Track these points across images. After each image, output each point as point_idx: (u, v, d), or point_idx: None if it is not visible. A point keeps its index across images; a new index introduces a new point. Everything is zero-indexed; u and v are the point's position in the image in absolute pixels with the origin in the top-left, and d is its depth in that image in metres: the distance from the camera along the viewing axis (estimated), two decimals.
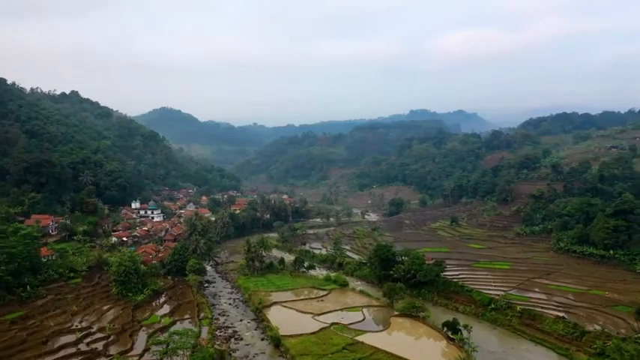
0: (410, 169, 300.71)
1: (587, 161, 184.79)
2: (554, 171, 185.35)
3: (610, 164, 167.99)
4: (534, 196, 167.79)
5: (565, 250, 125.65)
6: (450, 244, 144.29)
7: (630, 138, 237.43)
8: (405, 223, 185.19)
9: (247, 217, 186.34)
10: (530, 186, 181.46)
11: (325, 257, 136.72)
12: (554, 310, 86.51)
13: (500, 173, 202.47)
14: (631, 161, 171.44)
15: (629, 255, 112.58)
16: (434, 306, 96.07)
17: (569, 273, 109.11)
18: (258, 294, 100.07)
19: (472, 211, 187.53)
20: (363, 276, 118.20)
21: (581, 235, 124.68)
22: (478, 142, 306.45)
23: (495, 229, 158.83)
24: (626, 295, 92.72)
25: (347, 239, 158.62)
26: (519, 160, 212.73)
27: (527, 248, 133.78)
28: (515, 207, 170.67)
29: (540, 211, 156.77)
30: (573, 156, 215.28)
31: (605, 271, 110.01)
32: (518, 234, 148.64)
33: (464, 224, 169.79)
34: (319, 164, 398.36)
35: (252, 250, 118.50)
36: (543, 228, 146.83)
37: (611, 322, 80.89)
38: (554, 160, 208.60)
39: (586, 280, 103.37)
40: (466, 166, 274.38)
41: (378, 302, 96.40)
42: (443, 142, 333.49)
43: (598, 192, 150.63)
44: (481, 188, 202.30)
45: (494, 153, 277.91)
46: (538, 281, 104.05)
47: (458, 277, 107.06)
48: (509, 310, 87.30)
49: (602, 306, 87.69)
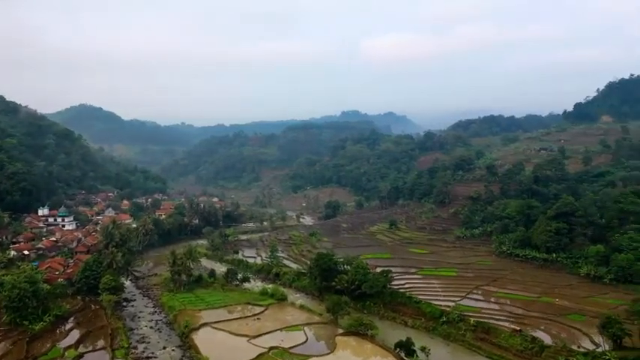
0: (344, 170, 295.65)
1: (521, 163, 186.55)
2: (489, 172, 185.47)
3: (543, 166, 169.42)
4: (472, 197, 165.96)
5: (507, 254, 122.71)
6: (391, 249, 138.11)
7: (556, 140, 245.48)
8: (343, 227, 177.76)
9: (174, 223, 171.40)
10: (467, 187, 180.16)
11: (260, 267, 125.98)
12: (509, 322, 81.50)
13: (437, 175, 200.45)
14: (563, 162, 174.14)
15: (572, 258, 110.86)
16: (380, 320, 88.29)
17: (515, 279, 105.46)
18: (185, 314, 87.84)
19: (410, 213, 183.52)
20: (302, 287, 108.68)
21: (523, 239, 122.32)
22: (411, 144, 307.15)
23: (435, 232, 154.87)
24: (575, 302, 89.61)
25: (283, 245, 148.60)
26: (454, 161, 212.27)
27: (469, 252, 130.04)
28: (454, 209, 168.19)
29: (479, 213, 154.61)
30: (506, 157, 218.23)
31: (549, 275, 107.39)
32: (459, 237, 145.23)
33: (403, 227, 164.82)
34: (251, 165, 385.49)
35: (178, 262, 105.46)
36: (483, 231, 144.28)
37: (567, 333, 76.58)
38: (487, 161, 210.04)
39: (533, 286, 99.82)
40: (401, 167, 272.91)
41: (320, 318, 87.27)
42: (377, 143, 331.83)
43: (534, 193, 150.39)
44: (418, 190, 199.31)
45: (428, 154, 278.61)
46: (487, 289, 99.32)
47: (404, 286, 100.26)
48: (462, 324, 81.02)
49: (555, 315, 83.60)
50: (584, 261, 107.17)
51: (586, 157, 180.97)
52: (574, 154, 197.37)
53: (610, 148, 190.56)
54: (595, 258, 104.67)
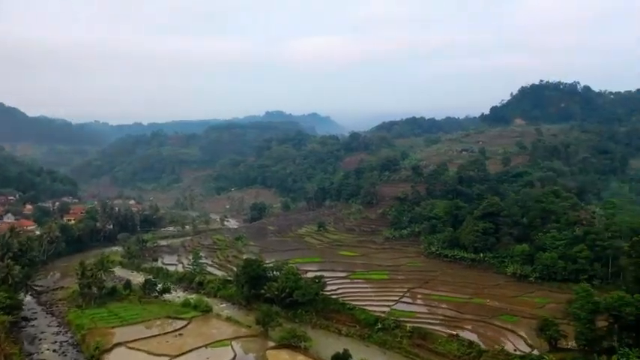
0: (270, 171, 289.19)
1: (444, 163, 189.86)
2: (415, 173, 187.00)
3: (466, 166, 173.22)
4: (399, 198, 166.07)
5: (436, 255, 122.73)
6: (320, 252, 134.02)
7: (475, 141, 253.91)
8: (270, 230, 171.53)
9: (85, 229, 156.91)
10: (394, 188, 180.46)
11: (182, 275, 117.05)
12: (444, 326, 79.79)
13: (364, 175, 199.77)
14: (484, 163, 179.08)
15: (498, 257, 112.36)
16: (313, 329, 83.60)
17: (445, 280, 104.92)
18: (95, 333, 77.95)
19: (337, 214, 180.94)
20: (228, 296, 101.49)
21: (451, 239, 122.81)
22: (337, 144, 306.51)
23: (364, 233, 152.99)
24: (505, 302, 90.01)
25: (207, 251, 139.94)
26: (380, 162, 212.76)
27: (399, 254, 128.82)
28: (381, 210, 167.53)
29: (407, 213, 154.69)
30: (429, 158, 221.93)
31: (477, 275, 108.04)
32: (388, 238, 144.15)
33: (331, 229, 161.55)
34: (171, 166, 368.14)
35: (87, 273, 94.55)
36: (412, 231, 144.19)
37: (502, 335, 75.99)
38: (413, 162, 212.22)
39: (464, 287, 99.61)
40: (327, 168, 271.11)
41: (249, 331, 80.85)
42: (302, 144, 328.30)
43: (458, 193, 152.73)
44: (345, 190, 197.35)
45: (354, 155, 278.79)
46: (419, 291, 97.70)
47: (336, 292, 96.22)
48: (398, 330, 78.19)
49: (488, 317, 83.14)
50: (510, 260, 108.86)
51: (505, 158, 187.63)
52: (493, 155, 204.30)
53: (526, 150, 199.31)
54: (520, 257, 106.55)
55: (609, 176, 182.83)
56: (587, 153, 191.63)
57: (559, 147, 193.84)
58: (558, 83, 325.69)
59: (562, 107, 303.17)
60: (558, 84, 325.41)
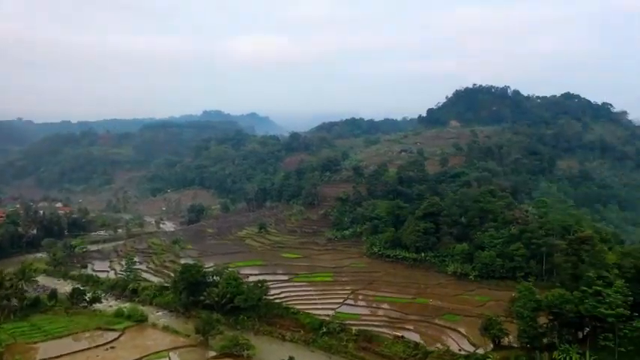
0: (208, 172, 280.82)
1: (385, 164, 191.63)
2: (356, 173, 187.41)
3: (406, 167, 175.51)
4: (341, 198, 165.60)
5: (379, 255, 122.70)
6: (262, 254, 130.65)
7: (413, 142, 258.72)
8: (209, 232, 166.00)
9: (5, 235, 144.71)
10: (335, 188, 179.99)
11: (114, 282, 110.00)
12: (389, 328, 79.18)
13: (305, 175, 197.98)
14: (423, 164, 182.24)
15: (439, 257, 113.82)
16: (256, 336, 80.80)
17: (389, 280, 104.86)
18: (15, 349, 71.20)
19: (279, 215, 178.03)
20: (165, 304, 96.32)
21: (393, 239, 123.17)
22: (278, 145, 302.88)
23: (306, 234, 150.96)
24: (448, 301, 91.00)
25: (141, 256, 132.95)
26: (321, 162, 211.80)
27: (341, 255, 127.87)
28: (323, 210, 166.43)
29: (348, 214, 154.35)
30: (370, 158, 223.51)
31: (420, 275, 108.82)
32: (330, 239, 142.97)
33: (273, 231, 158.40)
34: (102, 166, 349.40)
35: (6, 283, 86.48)
36: (354, 232, 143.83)
37: (446, 335, 76.43)
38: (353, 162, 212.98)
39: (407, 287, 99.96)
40: (267, 169, 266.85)
41: (188, 340, 76.78)
42: (242, 144, 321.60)
43: (399, 194, 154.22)
44: (286, 191, 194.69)
45: (294, 155, 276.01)
46: (363, 293, 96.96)
47: (280, 296, 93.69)
48: (344, 334, 76.85)
49: (432, 317, 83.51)
50: (450, 259, 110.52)
51: (443, 159, 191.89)
52: (431, 156, 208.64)
53: (462, 151, 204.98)
54: (461, 256, 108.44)
55: (539, 176, 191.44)
56: (518, 154, 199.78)
57: (493, 148, 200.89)
58: (490, 87, 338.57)
59: (494, 110, 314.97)
60: (490, 88, 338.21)
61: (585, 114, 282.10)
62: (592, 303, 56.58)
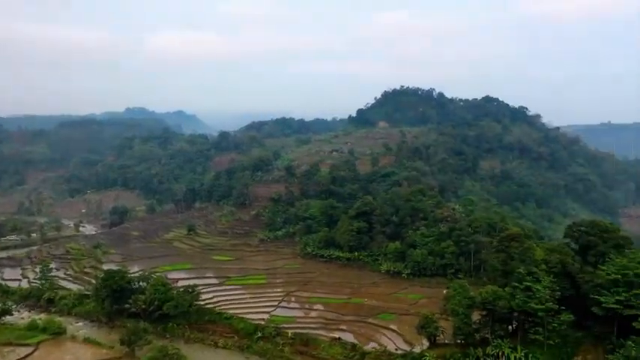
0: (132, 172, 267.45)
1: (317, 164, 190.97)
2: (288, 173, 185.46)
3: (338, 167, 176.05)
4: (273, 199, 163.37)
5: (313, 255, 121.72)
6: (191, 257, 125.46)
7: (343, 142, 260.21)
8: (133, 235, 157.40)
9: None
10: (267, 188, 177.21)
11: (27, 292, 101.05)
12: (326, 330, 78.12)
13: (235, 175, 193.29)
14: (354, 163, 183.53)
15: (372, 256, 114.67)
16: (187, 344, 77.03)
17: (323, 281, 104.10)
18: None
19: (209, 216, 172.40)
20: (86, 314, 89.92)
21: (327, 239, 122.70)
22: (207, 144, 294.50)
23: (238, 236, 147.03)
24: (382, 301, 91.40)
25: (59, 262, 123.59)
26: (253, 162, 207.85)
27: (275, 256, 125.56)
28: (255, 211, 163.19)
29: (281, 214, 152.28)
30: (301, 158, 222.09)
31: (354, 274, 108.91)
32: (263, 240, 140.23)
33: (203, 232, 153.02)
34: (14, 165, 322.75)
35: None
36: (287, 232, 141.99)
37: (382, 335, 76.47)
38: (285, 162, 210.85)
39: (342, 287, 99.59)
40: (196, 168, 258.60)
41: (112, 353, 71.67)
42: (169, 142, 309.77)
43: (331, 193, 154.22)
44: (216, 191, 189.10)
45: (224, 154, 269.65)
46: (298, 294, 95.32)
47: (211, 301, 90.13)
48: (280, 338, 74.89)
49: (367, 316, 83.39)
50: (384, 258, 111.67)
51: (373, 159, 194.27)
52: (362, 156, 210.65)
53: (392, 151, 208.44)
54: (393, 254, 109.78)
55: (464, 176, 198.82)
56: (445, 154, 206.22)
57: (421, 148, 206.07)
58: (417, 89, 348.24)
59: (420, 111, 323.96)
60: (417, 90, 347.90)
61: (504, 116, 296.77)
62: (523, 298, 58.33)
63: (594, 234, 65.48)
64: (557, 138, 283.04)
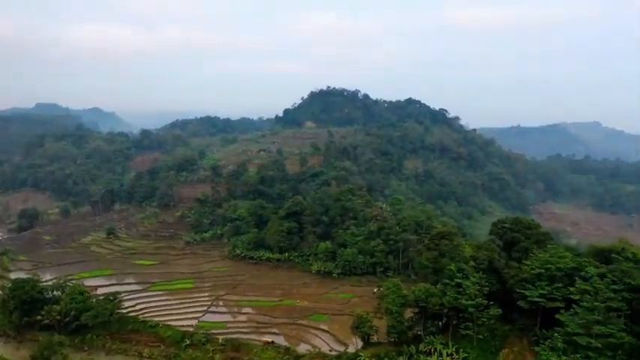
0: (44, 172, 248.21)
1: (244, 163, 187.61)
2: (215, 173, 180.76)
3: (267, 166, 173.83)
4: (199, 199, 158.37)
5: (242, 257, 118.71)
6: (111, 263, 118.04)
7: (271, 142, 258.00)
8: (45, 240, 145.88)
9: None
10: (192, 189, 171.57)
11: None
12: (258, 334, 76.05)
13: (159, 176, 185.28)
14: (283, 163, 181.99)
15: (303, 256, 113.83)
16: (108, 356, 72.44)
17: (254, 283, 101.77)
18: None
19: (130, 219, 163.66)
20: None
21: (256, 240, 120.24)
22: (127, 142, 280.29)
23: (162, 238, 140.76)
24: (314, 301, 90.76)
25: None
26: (177, 161, 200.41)
27: (202, 259, 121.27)
28: (180, 212, 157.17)
29: (208, 215, 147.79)
30: (228, 158, 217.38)
31: (285, 275, 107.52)
32: (189, 243, 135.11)
33: (123, 236, 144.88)
34: None
35: None
36: (214, 234, 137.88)
37: (315, 336, 75.75)
38: (211, 162, 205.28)
39: (273, 289, 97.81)
40: (115, 168, 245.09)
41: None
42: (84, 141, 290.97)
43: (260, 193, 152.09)
44: (138, 192, 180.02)
45: (146, 154, 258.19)
46: (228, 298, 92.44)
47: (135, 308, 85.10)
48: (210, 344, 71.81)
49: (300, 318, 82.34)
50: (314, 258, 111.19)
51: (302, 159, 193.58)
52: (290, 156, 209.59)
53: (320, 151, 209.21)
54: (324, 254, 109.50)
55: (390, 175, 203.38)
56: (371, 154, 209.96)
57: (349, 148, 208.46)
58: (342, 90, 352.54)
59: (346, 112, 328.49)
60: (342, 91, 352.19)
61: (426, 118, 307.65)
62: (454, 295, 59.63)
63: (518, 231, 68.54)
64: (474, 139, 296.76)
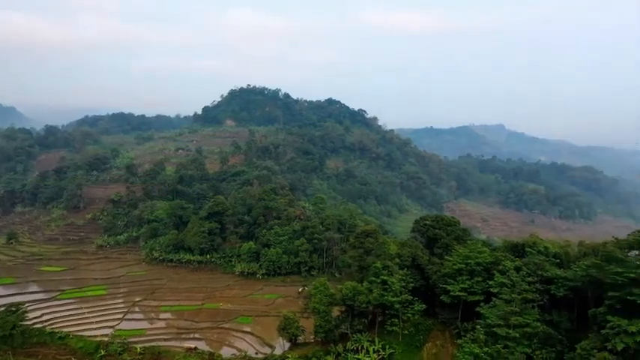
0: None
1: (161, 162, 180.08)
2: (129, 172, 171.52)
3: (186, 165, 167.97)
4: (113, 200, 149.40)
5: (160, 260, 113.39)
6: (12, 270, 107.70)
7: (189, 141, 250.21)
8: None
9: None
10: (105, 189, 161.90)
11: None
12: (180, 340, 72.83)
13: (67, 175, 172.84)
14: (203, 162, 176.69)
15: (226, 257, 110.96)
16: None
17: (174, 287, 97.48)
18: None
19: (34, 222, 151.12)
20: None
21: (176, 242, 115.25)
22: (29, 139, 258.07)
23: (71, 242, 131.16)
24: (238, 303, 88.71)
25: None
26: (87, 160, 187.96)
27: (116, 263, 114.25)
28: (91, 214, 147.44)
29: (122, 217, 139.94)
30: (143, 157, 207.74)
31: (207, 278, 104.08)
32: (101, 246, 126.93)
33: (26, 240, 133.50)
34: None
35: None
36: (129, 237, 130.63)
37: (240, 339, 73.90)
38: (125, 160, 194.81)
39: (194, 292, 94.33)
40: (15, 167, 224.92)
41: None
42: None
43: (179, 193, 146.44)
44: (43, 194, 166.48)
45: (51, 152, 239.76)
46: (146, 304, 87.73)
47: (41, 319, 78.51)
48: (127, 354, 67.50)
49: (224, 322, 79.99)
50: (237, 259, 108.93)
51: (222, 158, 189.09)
52: (210, 155, 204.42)
53: (241, 149, 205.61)
54: (247, 255, 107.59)
55: (311, 174, 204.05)
56: (293, 153, 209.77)
57: (270, 147, 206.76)
58: (263, 89, 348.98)
59: (267, 111, 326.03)
60: (263, 89, 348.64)
61: (346, 118, 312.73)
62: (380, 292, 60.33)
63: (439, 227, 70.82)
64: (392, 140, 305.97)
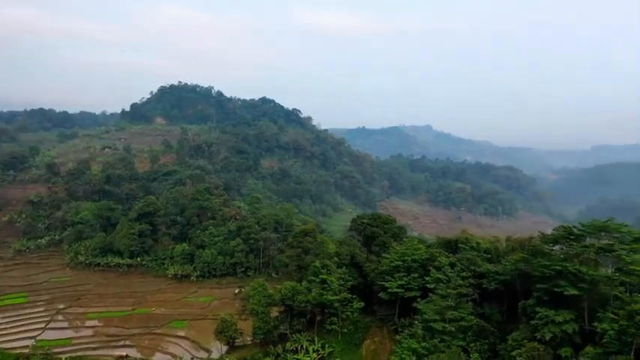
0: None
1: (86, 161, 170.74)
2: (51, 172, 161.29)
3: (114, 164, 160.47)
4: (32, 202, 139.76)
5: (86, 265, 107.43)
6: None
7: (116, 139, 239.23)
8: None
9: None
10: (23, 190, 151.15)
11: None
12: (109, 348, 69.24)
13: None
14: (132, 161, 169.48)
15: (158, 260, 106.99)
16: None
17: (101, 292, 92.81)
18: None
19: None
20: None
21: (103, 245, 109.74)
22: None
23: None
24: (172, 307, 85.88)
25: None
26: (3, 159, 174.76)
27: (37, 269, 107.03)
28: (7, 216, 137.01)
29: (43, 219, 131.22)
30: (66, 155, 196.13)
31: (137, 282, 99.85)
32: (20, 251, 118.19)
33: None
34: None
35: None
36: (51, 240, 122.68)
37: (175, 345, 71.50)
38: (46, 159, 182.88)
39: (124, 297, 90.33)
40: None
41: None
42: None
43: (106, 194, 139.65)
44: None
45: None
46: (71, 311, 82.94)
47: None
48: None
49: (157, 327, 77.12)
50: (170, 261, 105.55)
51: (153, 157, 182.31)
52: (139, 153, 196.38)
53: (173, 148, 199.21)
54: (181, 257, 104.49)
55: (246, 174, 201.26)
56: (227, 153, 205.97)
57: (203, 146, 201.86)
58: (195, 86, 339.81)
59: (199, 109, 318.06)
60: (195, 87, 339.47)
61: (280, 117, 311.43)
62: (319, 291, 60.25)
63: (377, 225, 71.85)
64: (326, 139, 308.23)
